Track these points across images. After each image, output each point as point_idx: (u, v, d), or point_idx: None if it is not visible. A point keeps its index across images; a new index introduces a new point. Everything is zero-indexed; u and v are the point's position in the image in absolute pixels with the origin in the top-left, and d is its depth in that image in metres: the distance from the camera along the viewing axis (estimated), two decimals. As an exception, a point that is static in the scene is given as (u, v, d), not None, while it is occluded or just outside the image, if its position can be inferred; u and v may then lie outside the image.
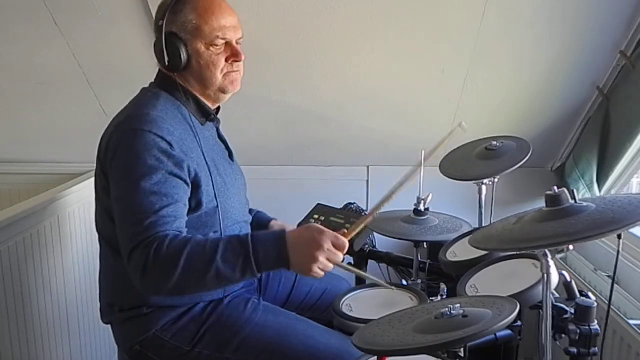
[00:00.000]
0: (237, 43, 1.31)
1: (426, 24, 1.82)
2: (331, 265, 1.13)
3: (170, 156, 1.18)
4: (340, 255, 1.15)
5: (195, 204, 1.24)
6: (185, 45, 1.25)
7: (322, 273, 1.13)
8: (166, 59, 1.25)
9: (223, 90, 1.32)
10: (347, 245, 1.15)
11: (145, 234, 1.12)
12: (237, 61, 1.31)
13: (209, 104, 1.35)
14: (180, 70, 1.27)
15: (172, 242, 1.11)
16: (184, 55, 1.25)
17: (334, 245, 1.13)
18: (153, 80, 1.35)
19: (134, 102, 1.30)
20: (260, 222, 1.55)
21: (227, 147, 1.45)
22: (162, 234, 1.12)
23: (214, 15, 1.26)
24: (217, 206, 1.28)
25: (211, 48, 1.27)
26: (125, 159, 1.18)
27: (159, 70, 1.34)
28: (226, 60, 1.29)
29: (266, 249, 1.12)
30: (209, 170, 1.27)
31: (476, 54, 1.88)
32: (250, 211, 1.54)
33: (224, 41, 1.28)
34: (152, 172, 1.15)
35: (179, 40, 1.25)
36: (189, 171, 1.22)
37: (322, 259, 1.11)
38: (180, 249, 1.10)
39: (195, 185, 1.23)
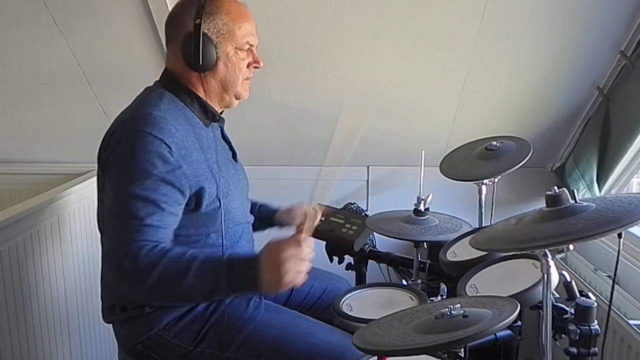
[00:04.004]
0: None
1: (426, 24, 1.83)
2: (304, 267, 1.11)
3: (166, 161, 1.17)
4: (306, 251, 1.11)
5: (195, 204, 1.24)
6: (216, 47, 1.27)
7: (302, 278, 1.11)
8: (200, 57, 1.25)
9: (238, 96, 1.35)
10: (306, 239, 1.12)
11: (126, 238, 1.13)
12: (257, 67, 1.35)
13: (214, 107, 1.35)
14: (208, 70, 1.28)
15: (149, 253, 1.12)
16: (213, 56, 1.27)
17: (293, 246, 1.10)
18: (158, 79, 1.35)
19: (137, 101, 1.30)
20: (264, 214, 1.58)
21: (231, 147, 1.44)
22: (141, 243, 1.13)
23: (245, 21, 1.30)
24: (219, 207, 1.27)
25: (239, 52, 1.30)
26: (121, 159, 1.19)
27: (165, 69, 1.34)
28: (247, 66, 1.33)
29: (240, 278, 1.11)
30: (211, 171, 1.27)
31: (476, 54, 1.88)
32: (254, 205, 1.57)
33: (248, 47, 1.32)
34: (144, 177, 1.15)
35: (210, 41, 1.26)
36: (186, 176, 1.20)
37: (289, 267, 1.09)
38: (156, 261, 1.11)
39: (196, 187, 1.23)
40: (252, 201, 1.59)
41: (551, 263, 0.96)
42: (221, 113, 1.40)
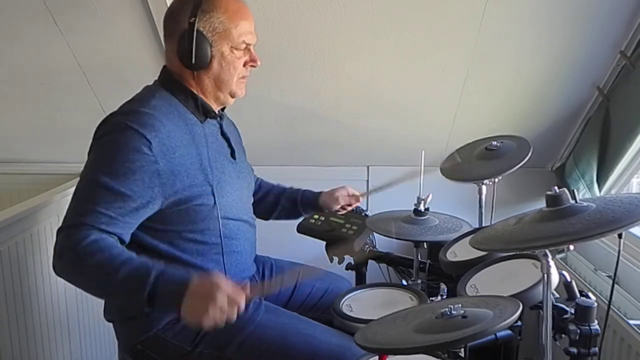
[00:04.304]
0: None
1: (426, 24, 1.83)
2: (223, 320, 1.07)
3: (142, 157, 1.17)
4: (234, 313, 1.09)
5: (181, 200, 1.24)
6: (211, 46, 1.26)
7: (212, 325, 1.07)
8: (193, 56, 1.25)
9: (233, 95, 1.35)
10: (243, 302, 1.09)
11: (78, 220, 1.13)
12: (254, 66, 1.34)
13: (211, 104, 1.35)
14: (202, 68, 1.28)
15: (93, 241, 1.12)
16: (208, 55, 1.26)
17: (230, 301, 1.07)
18: (157, 78, 1.35)
19: (132, 98, 1.31)
20: (308, 198, 1.64)
21: (230, 145, 1.44)
22: (90, 229, 1.13)
23: (242, 19, 1.29)
24: (214, 204, 1.28)
25: (234, 51, 1.29)
26: (100, 147, 1.21)
27: (164, 67, 1.34)
28: (244, 65, 1.32)
29: (163, 293, 1.09)
30: (202, 166, 1.27)
31: (476, 54, 1.88)
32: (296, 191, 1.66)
33: (245, 45, 1.31)
34: (116, 168, 1.16)
35: (205, 39, 1.25)
36: (160, 173, 1.20)
37: (212, 312, 1.06)
38: (94, 251, 1.11)
39: (179, 183, 1.23)
40: (294, 188, 1.68)
41: (551, 263, 0.96)
42: (223, 109, 1.40)
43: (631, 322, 1.54)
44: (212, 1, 1.26)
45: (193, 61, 1.25)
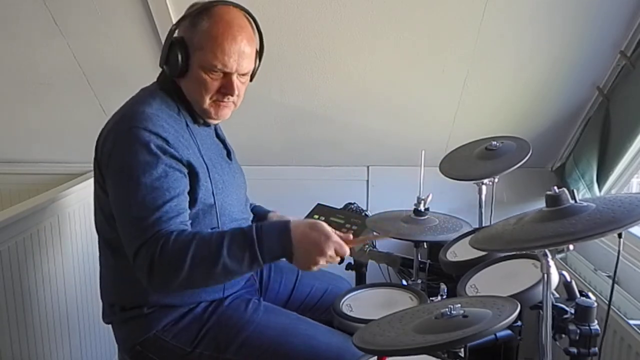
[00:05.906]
0: (240, 74, 1.28)
1: (426, 24, 1.83)
2: (327, 266, 1.19)
3: (166, 151, 1.18)
4: (338, 260, 1.20)
5: (191, 201, 1.24)
6: (188, 57, 1.25)
7: (318, 270, 1.19)
8: (164, 61, 1.26)
9: (206, 115, 1.31)
10: (348, 253, 1.20)
11: (151, 231, 1.13)
12: (226, 94, 1.28)
13: None
14: (176, 76, 1.27)
15: (177, 238, 1.12)
16: (182, 65, 1.25)
17: (336, 252, 1.17)
18: (155, 80, 1.35)
19: (130, 101, 1.31)
20: (258, 214, 1.55)
21: (225, 146, 1.45)
22: (166, 230, 1.13)
23: (222, 45, 1.22)
24: (214, 205, 1.28)
25: (209, 73, 1.25)
26: (122, 157, 1.19)
27: (162, 69, 1.34)
28: (218, 90, 1.27)
29: (270, 242, 1.15)
30: (207, 169, 1.27)
31: (476, 54, 1.88)
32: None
33: (221, 72, 1.26)
34: (152, 167, 1.16)
35: (184, 49, 1.24)
36: (185, 165, 1.22)
37: (322, 262, 1.16)
38: (187, 245, 1.12)
39: (192, 183, 1.24)
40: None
41: (551, 263, 0.96)
42: None
43: (631, 322, 1.54)
44: (206, 17, 1.24)
45: (164, 66, 1.25)
